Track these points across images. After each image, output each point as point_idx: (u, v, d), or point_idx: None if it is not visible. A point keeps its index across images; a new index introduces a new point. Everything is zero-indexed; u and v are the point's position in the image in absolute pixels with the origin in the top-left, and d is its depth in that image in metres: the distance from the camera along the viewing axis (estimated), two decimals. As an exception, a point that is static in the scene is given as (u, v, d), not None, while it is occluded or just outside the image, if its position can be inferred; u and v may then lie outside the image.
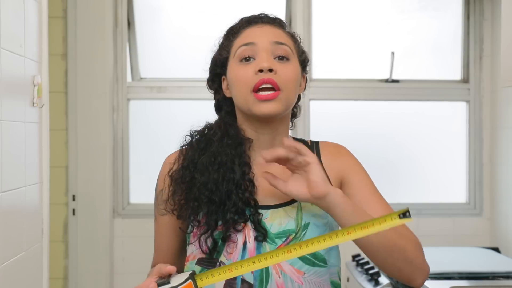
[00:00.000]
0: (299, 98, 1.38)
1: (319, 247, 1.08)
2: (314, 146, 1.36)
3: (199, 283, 1.09)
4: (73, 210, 3.23)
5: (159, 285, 1.09)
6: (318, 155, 1.34)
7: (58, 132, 3.19)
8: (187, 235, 1.31)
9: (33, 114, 1.93)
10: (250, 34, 1.29)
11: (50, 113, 2.09)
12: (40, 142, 2.00)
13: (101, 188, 3.25)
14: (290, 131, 1.40)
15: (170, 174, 1.31)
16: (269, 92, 1.23)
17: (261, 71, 1.23)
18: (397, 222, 1.08)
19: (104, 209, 3.25)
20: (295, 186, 1.18)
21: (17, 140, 1.80)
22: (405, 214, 1.08)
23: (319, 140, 1.40)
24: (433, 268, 2.42)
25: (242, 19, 1.34)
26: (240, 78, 1.26)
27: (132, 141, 3.38)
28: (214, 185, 1.25)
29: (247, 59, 1.26)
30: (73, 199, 3.23)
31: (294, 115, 1.40)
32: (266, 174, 1.20)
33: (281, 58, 1.27)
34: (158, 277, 1.14)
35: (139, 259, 3.26)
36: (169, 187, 1.31)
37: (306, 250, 1.09)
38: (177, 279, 1.10)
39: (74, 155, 3.23)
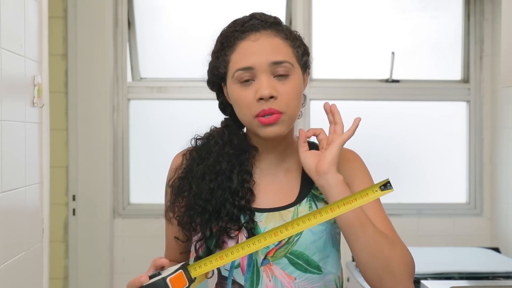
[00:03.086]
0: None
1: (304, 226, 1.09)
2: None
3: (193, 273, 1.11)
4: (73, 210, 3.23)
5: (151, 277, 1.10)
6: None
7: (58, 132, 3.19)
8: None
9: (33, 114, 1.93)
10: (247, 52, 1.23)
11: (50, 113, 2.09)
12: (40, 142, 2.00)
13: (101, 188, 3.25)
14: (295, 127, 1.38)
15: (170, 183, 1.33)
16: (271, 116, 1.22)
17: (262, 98, 1.21)
18: (379, 194, 1.09)
19: (104, 209, 3.25)
20: (309, 157, 1.24)
21: (17, 140, 1.80)
22: (386, 185, 1.09)
23: None
24: (433, 268, 2.45)
25: (235, 25, 1.28)
26: (241, 102, 1.24)
27: (132, 141, 3.38)
28: (209, 194, 1.26)
29: (246, 80, 1.23)
30: (73, 199, 3.23)
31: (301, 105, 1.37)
32: (301, 130, 1.27)
33: (281, 75, 1.23)
34: (153, 270, 1.15)
35: (139, 259, 3.26)
36: (170, 195, 1.32)
37: (291, 231, 1.10)
38: (168, 271, 1.11)
39: (74, 155, 3.23)
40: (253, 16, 1.29)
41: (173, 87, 3.37)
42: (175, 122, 3.36)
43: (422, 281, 2.26)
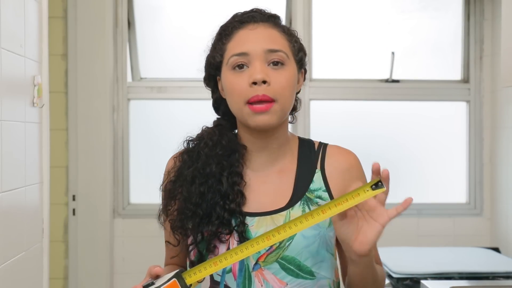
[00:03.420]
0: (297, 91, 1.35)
1: (296, 229, 1.09)
2: (321, 149, 1.33)
3: (187, 280, 1.10)
4: (73, 210, 3.23)
5: (144, 287, 1.10)
6: (323, 159, 1.31)
7: (58, 132, 3.19)
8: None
9: (33, 114, 1.93)
10: (243, 40, 1.25)
11: (50, 113, 2.09)
12: (40, 142, 2.00)
13: (101, 188, 3.25)
14: (291, 126, 1.38)
15: (162, 188, 1.32)
16: (263, 104, 1.21)
17: (254, 83, 1.21)
18: (370, 193, 1.08)
19: (104, 209, 3.25)
20: (346, 228, 1.11)
21: (17, 140, 1.80)
22: (377, 184, 1.08)
23: (327, 143, 1.36)
24: (433, 268, 2.45)
25: (234, 17, 1.30)
26: (234, 88, 1.23)
27: (132, 141, 3.38)
28: (199, 198, 1.24)
29: (240, 66, 1.24)
30: (73, 199, 3.23)
31: (294, 109, 1.35)
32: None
33: (276, 63, 1.23)
34: (148, 278, 1.14)
35: (139, 259, 3.26)
36: (163, 199, 1.32)
37: (284, 235, 1.09)
38: (162, 279, 1.10)
39: (74, 155, 3.23)
40: (253, 10, 1.31)
41: (173, 87, 3.37)
42: (175, 122, 3.36)
43: (422, 281, 2.26)
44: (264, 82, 1.21)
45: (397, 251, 2.79)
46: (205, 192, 1.24)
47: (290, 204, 1.26)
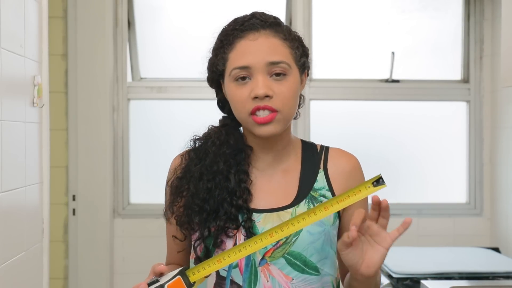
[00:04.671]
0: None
1: (299, 226, 1.11)
2: (323, 152, 1.35)
3: (191, 277, 1.11)
4: (73, 210, 3.23)
5: (149, 284, 1.11)
6: (326, 161, 1.34)
7: (58, 132, 3.19)
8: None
9: (33, 114, 1.93)
10: (244, 51, 1.24)
11: (50, 113, 2.09)
12: (40, 142, 2.00)
13: (101, 188, 3.25)
14: (292, 126, 1.38)
15: (169, 184, 1.34)
16: (266, 113, 1.23)
17: (257, 97, 1.22)
18: (372, 190, 1.09)
19: (104, 209, 3.25)
20: (352, 255, 1.14)
21: (17, 140, 1.80)
22: (378, 181, 1.09)
23: (329, 146, 1.37)
24: (433, 268, 2.45)
25: (235, 23, 1.29)
26: (237, 100, 1.25)
27: (132, 141, 3.38)
28: (206, 194, 1.26)
29: (242, 78, 1.24)
30: (73, 199, 3.23)
31: (298, 105, 1.36)
32: (352, 228, 1.11)
33: (278, 74, 1.24)
34: (152, 276, 1.15)
35: (139, 259, 3.26)
36: (169, 196, 1.33)
37: (287, 231, 1.11)
38: (166, 277, 1.11)
39: (74, 155, 3.23)
40: (253, 15, 1.29)
41: (173, 87, 3.37)
42: (175, 122, 3.36)
43: (422, 281, 2.26)
44: (267, 96, 1.22)
45: (397, 251, 2.79)
46: (213, 189, 1.26)
47: (295, 202, 1.28)
